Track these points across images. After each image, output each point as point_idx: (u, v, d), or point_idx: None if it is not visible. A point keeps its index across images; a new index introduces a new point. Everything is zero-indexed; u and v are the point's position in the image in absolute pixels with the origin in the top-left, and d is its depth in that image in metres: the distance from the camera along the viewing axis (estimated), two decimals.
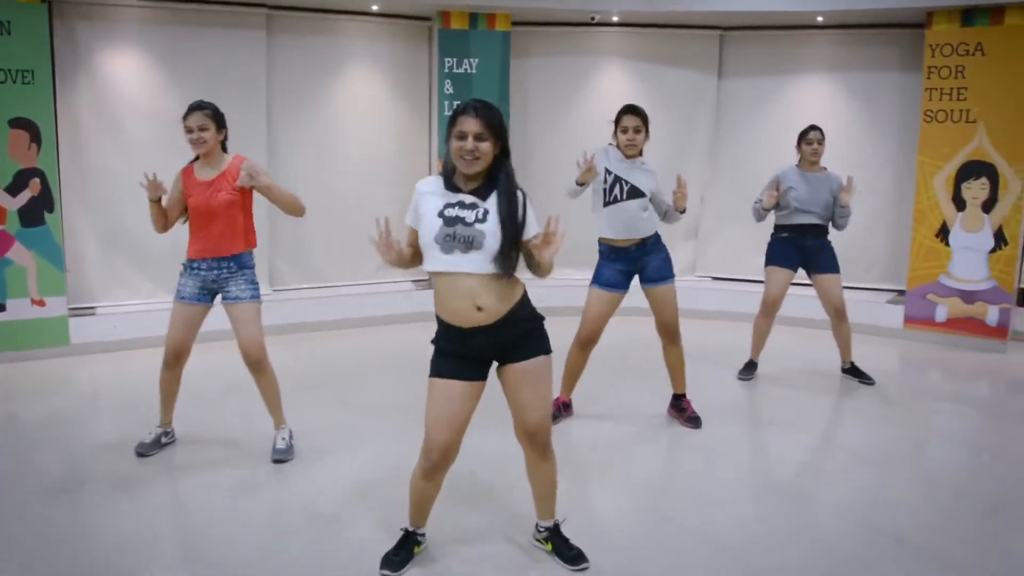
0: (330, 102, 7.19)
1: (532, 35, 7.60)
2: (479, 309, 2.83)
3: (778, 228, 5.61)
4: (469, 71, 7.18)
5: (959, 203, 6.63)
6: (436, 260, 2.84)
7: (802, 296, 6.33)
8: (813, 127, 5.53)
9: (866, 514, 3.68)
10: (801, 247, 5.53)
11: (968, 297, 6.66)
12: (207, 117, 3.96)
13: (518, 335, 2.93)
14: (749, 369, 5.77)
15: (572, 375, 4.79)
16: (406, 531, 3.18)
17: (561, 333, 3.71)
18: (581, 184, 4.40)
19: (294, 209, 4.04)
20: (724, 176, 7.84)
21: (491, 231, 2.79)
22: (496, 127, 2.82)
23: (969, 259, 6.64)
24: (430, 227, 2.83)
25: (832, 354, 5.86)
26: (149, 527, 3.47)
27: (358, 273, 7.42)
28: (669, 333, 4.67)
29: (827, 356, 6.02)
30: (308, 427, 4.52)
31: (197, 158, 4.07)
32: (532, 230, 2.87)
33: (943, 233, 6.72)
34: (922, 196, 6.76)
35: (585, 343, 4.65)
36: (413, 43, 7.45)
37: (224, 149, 4.11)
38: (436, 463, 2.96)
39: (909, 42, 7.10)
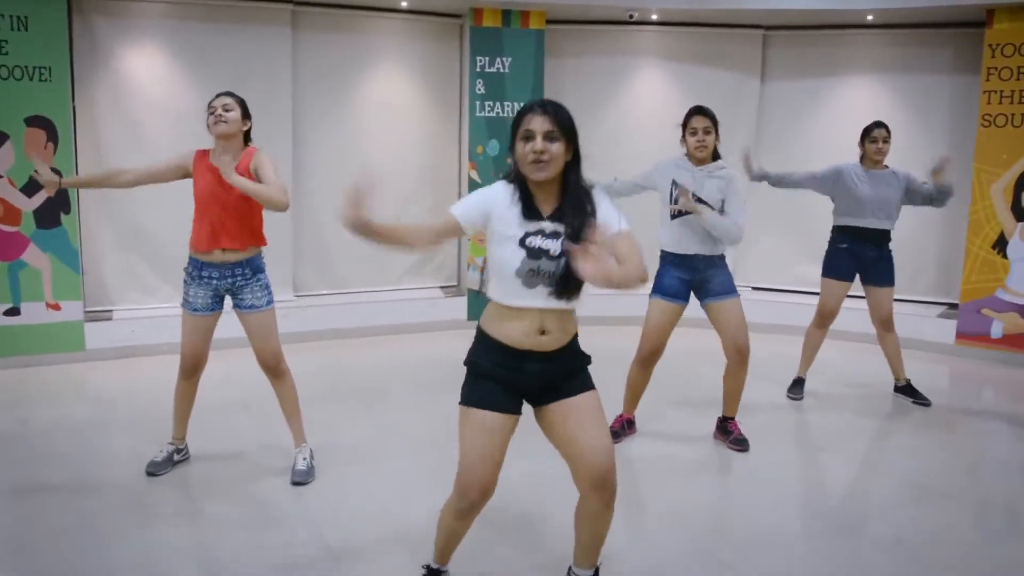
0: (357, 101, 6.97)
1: (567, 34, 7.35)
2: (543, 333, 2.60)
3: (837, 233, 5.30)
4: (502, 70, 6.93)
5: (1018, 213, 6.28)
6: (515, 294, 2.58)
7: (853, 309, 5.97)
8: (878, 123, 5.18)
9: (919, 547, 3.44)
10: (860, 256, 5.22)
11: None
12: (234, 101, 3.82)
13: (571, 368, 2.68)
14: (797, 386, 5.50)
15: (635, 391, 4.59)
16: (429, 568, 2.95)
17: (616, 345, 3.42)
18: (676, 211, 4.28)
19: (271, 204, 3.64)
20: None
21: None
22: (567, 127, 2.56)
23: None
24: (509, 259, 2.55)
25: (883, 369, 5.55)
26: (158, 552, 3.26)
27: (383, 279, 7.20)
28: (741, 355, 4.41)
29: (877, 371, 5.73)
30: (330, 441, 4.33)
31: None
32: (614, 225, 2.59)
33: (1000, 244, 6.38)
34: (978, 205, 6.41)
35: (647, 360, 4.45)
36: (444, 41, 7.22)
37: (246, 142, 3.90)
38: (474, 502, 2.65)
39: (965, 42, 6.77)
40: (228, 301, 3.92)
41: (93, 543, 3.33)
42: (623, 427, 4.61)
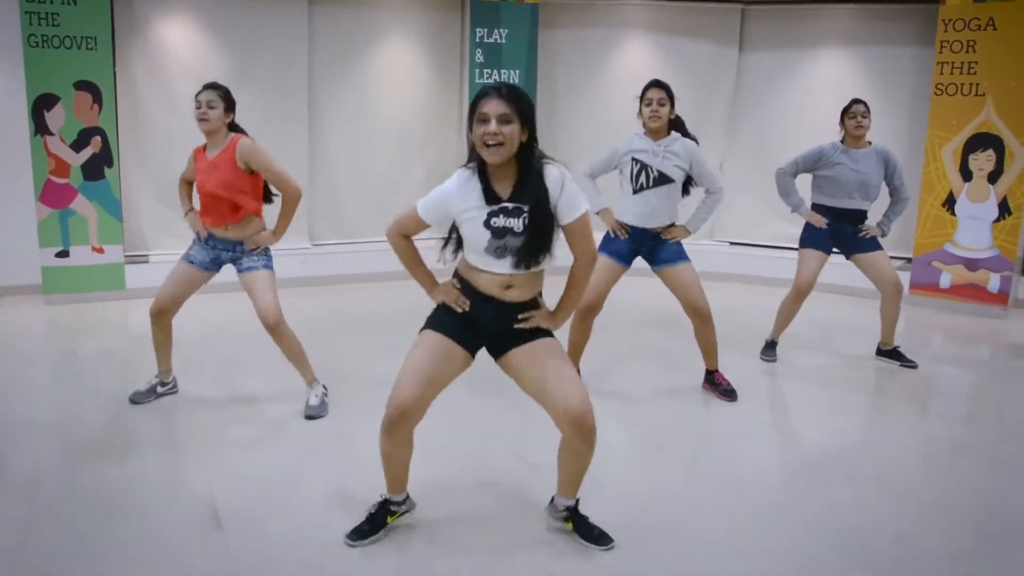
0: (367, 67, 7.59)
1: (560, 7, 7.93)
2: (508, 287, 2.78)
3: (816, 210, 5.32)
4: (499, 41, 7.56)
5: (966, 174, 6.88)
6: (485, 264, 2.75)
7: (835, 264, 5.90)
8: (857, 101, 5.18)
9: (867, 481, 3.81)
10: (838, 234, 5.26)
11: (971, 265, 6.93)
12: (217, 96, 4.05)
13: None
14: (770, 349, 5.54)
15: (577, 346, 4.68)
16: (382, 498, 3.02)
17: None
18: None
19: (297, 204, 4.10)
20: (742, 146, 8.14)
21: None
22: (523, 109, 2.60)
23: (974, 228, 6.89)
24: (477, 237, 2.70)
25: (853, 317, 5.91)
26: (176, 457, 3.83)
27: None
28: (700, 314, 4.54)
29: (850, 321, 6.23)
30: (344, 374, 4.78)
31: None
32: (579, 208, 2.71)
33: (949, 203, 6.98)
34: (930, 166, 7.02)
35: (586, 312, 4.56)
36: (447, 13, 7.83)
37: (232, 129, 4.17)
38: (393, 418, 2.72)
39: (922, 17, 7.31)
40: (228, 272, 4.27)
41: (122, 448, 4.00)
42: None
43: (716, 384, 4.74)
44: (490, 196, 2.68)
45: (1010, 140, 6.66)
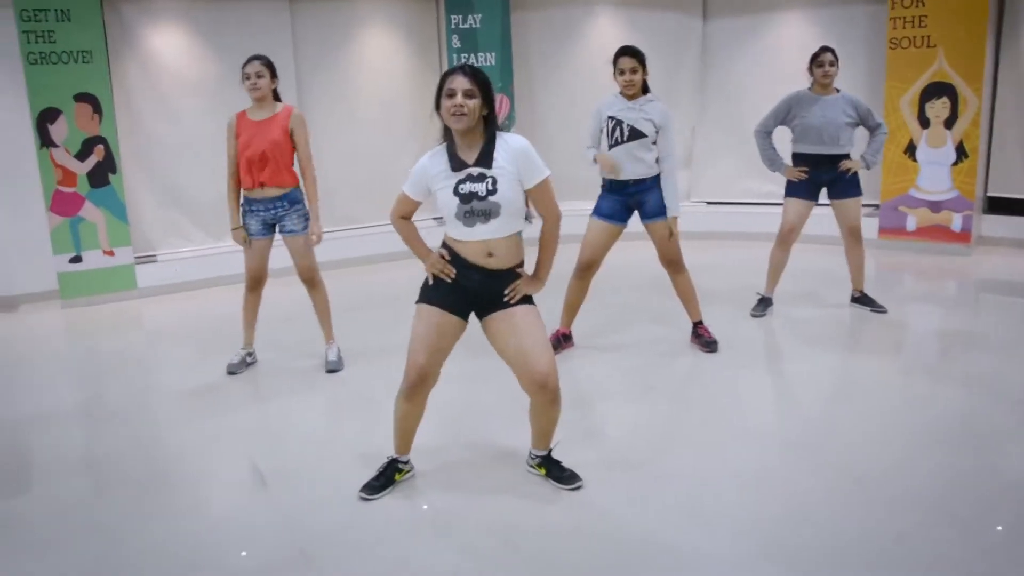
0: (350, 63, 7.92)
1: None
2: (490, 255, 3.03)
3: (795, 159, 5.48)
4: (474, 26, 7.89)
5: (924, 122, 7.27)
6: (460, 232, 3.02)
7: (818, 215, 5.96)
8: (825, 48, 5.32)
9: (845, 412, 4.38)
10: (817, 179, 5.42)
11: (935, 207, 7.34)
12: (264, 66, 4.54)
13: (508, 285, 3.10)
14: (761, 305, 5.70)
15: (572, 305, 4.94)
16: (389, 458, 3.37)
17: (562, 262, 3.58)
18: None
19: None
20: (713, 109, 8.51)
21: (504, 199, 2.95)
22: (483, 87, 2.94)
23: (934, 172, 7.30)
24: (448, 205, 2.98)
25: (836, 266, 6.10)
26: (211, 435, 4.17)
27: (381, 216, 8.11)
28: (673, 264, 4.83)
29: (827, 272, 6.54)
30: (352, 347, 5.19)
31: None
32: (541, 173, 3.01)
33: (910, 150, 7.38)
34: (891, 116, 7.40)
35: (584, 270, 4.81)
36: (423, 2, 8.15)
37: (276, 98, 4.68)
38: (414, 383, 3.08)
39: None
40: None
41: (160, 428, 4.40)
42: (559, 341, 4.93)
43: (699, 336, 5.01)
44: (456, 163, 3.00)
45: (962, 87, 7.04)
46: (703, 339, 5.00)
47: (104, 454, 3.95)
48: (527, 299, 3.13)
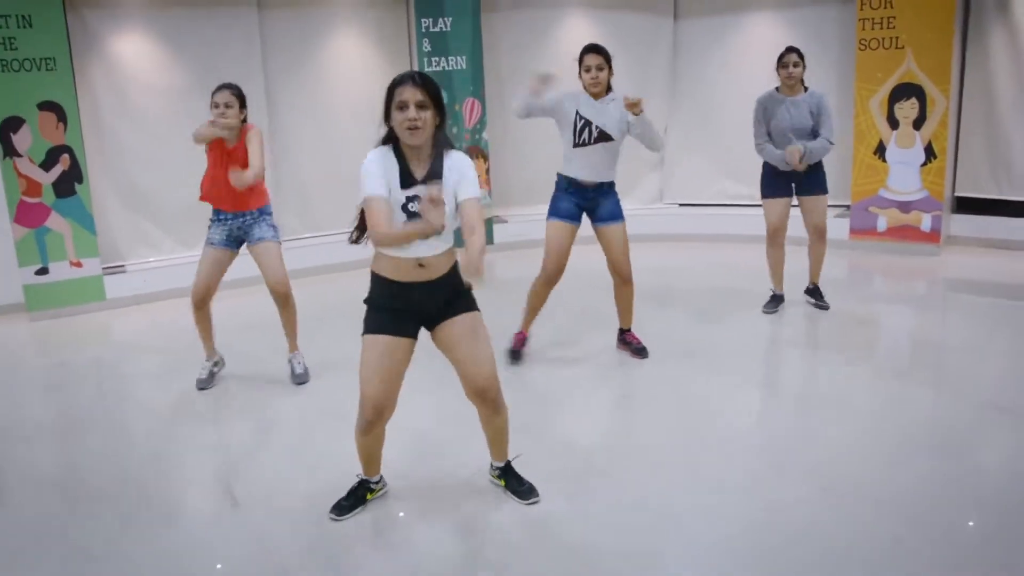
0: (321, 68, 7.84)
1: None
2: (421, 266, 2.90)
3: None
4: (444, 29, 7.85)
5: (893, 123, 7.33)
6: (396, 250, 2.87)
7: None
8: (790, 49, 5.43)
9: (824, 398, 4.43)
10: (788, 176, 5.52)
11: (904, 207, 7.40)
12: (233, 96, 4.46)
13: (450, 294, 3.00)
14: (773, 302, 5.81)
15: (534, 309, 4.92)
16: (360, 479, 3.31)
17: (519, 267, 3.61)
18: (535, 92, 4.53)
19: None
20: (685, 109, 8.53)
21: (449, 218, 2.82)
22: (436, 96, 2.81)
23: (904, 173, 7.36)
24: (395, 220, 2.85)
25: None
26: (182, 448, 4.15)
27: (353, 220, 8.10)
28: (622, 273, 4.81)
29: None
30: (322, 358, 5.18)
31: None
32: (476, 192, 2.89)
33: (880, 151, 7.44)
34: (860, 118, 7.46)
35: (552, 277, 4.77)
36: (392, 7, 8.08)
37: (244, 121, 4.57)
38: (370, 419, 2.98)
39: None
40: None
41: (131, 441, 4.37)
42: (522, 343, 4.95)
43: (628, 343, 5.05)
44: (406, 178, 2.86)
45: (930, 88, 7.11)
46: (632, 345, 5.03)
47: (73, 468, 3.90)
48: (473, 307, 3.05)
